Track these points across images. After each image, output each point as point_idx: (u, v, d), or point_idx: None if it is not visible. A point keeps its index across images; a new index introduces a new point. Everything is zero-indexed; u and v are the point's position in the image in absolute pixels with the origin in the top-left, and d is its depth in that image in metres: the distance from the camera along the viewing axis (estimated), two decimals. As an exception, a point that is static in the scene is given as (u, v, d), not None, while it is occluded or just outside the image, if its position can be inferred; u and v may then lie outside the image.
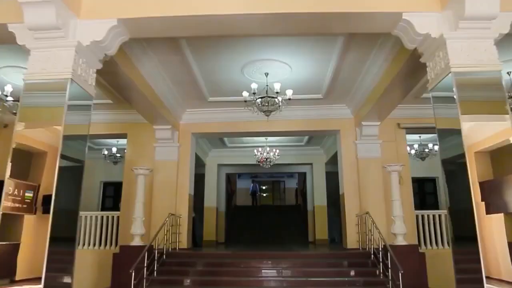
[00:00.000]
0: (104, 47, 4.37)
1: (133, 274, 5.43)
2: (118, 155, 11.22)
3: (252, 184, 21.57)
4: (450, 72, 3.86)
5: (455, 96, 3.82)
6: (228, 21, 4.27)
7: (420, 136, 10.63)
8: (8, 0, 4.15)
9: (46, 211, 4.19)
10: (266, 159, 10.72)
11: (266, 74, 6.67)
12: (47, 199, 4.27)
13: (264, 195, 23.86)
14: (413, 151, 10.51)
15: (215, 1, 4.16)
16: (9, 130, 9.01)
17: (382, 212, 7.61)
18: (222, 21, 4.28)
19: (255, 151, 10.89)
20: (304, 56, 6.28)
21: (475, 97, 3.97)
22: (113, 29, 4.27)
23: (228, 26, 4.41)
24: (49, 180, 4.26)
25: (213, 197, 13.06)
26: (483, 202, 3.86)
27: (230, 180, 17.20)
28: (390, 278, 5.63)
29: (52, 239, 3.86)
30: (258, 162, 10.92)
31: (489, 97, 3.96)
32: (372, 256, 6.69)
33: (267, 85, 6.56)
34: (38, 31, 4.03)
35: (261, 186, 23.43)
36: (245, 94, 6.47)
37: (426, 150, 10.55)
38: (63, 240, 4.14)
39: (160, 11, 4.21)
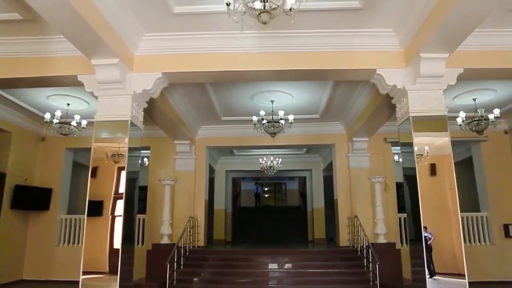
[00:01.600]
0: (151, 93, 5.79)
1: (168, 266, 6.84)
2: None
3: (255, 186, 22.93)
4: (409, 116, 5.26)
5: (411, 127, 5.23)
6: (246, 74, 5.68)
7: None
8: (77, 56, 5.48)
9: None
10: (270, 167, 12.09)
11: (272, 101, 8.05)
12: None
13: (266, 196, 25.14)
14: (401, 159, 11.85)
15: (235, 60, 5.54)
16: (46, 142, 10.41)
17: (369, 215, 8.99)
18: (241, 74, 5.70)
19: (260, 159, 12.26)
20: (303, 88, 7.66)
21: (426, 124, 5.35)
22: (158, 79, 5.68)
23: (245, 77, 5.83)
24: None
25: (221, 200, 14.44)
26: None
27: (235, 182, 18.59)
28: (370, 269, 7.05)
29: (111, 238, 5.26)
30: (263, 169, 12.29)
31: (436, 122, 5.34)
32: (359, 252, 8.10)
33: (272, 111, 7.92)
34: (105, 84, 5.42)
35: (264, 188, 24.76)
36: (254, 118, 7.82)
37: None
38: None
39: (193, 67, 5.63)
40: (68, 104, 8.31)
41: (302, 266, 7.88)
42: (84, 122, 8.07)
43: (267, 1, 3.61)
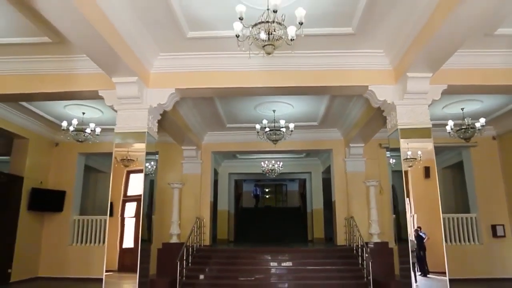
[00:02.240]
0: (165, 106, 6.40)
1: (178, 263, 7.46)
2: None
3: (254, 188, 23.42)
4: (398, 128, 5.87)
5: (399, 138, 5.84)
6: (251, 90, 6.30)
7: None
8: (98, 73, 6.06)
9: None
10: (272, 170, 12.70)
11: (274, 111, 8.66)
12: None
13: (267, 196, 25.70)
14: (392, 163, 12.47)
15: (242, 78, 6.15)
16: (59, 148, 11.00)
17: (365, 216, 9.58)
18: (246, 90, 6.32)
19: (262, 163, 12.87)
20: (303, 99, 8.24)
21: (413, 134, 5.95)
22: (172, 95, 6.29)
23: (250, 92, 6.45)
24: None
25: (225, 201, 15.05)
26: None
27: (237, 184, 19.18)
28: (365, 266, 7.67)
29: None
30: (264, 172, 12.90)
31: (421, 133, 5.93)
32: (355, 250, 8.72)
33: (274, 120, 8.53)
34: (124, 99, 6.02)
35: (265, 189, 25.34)
36: (258, 126, 8.42)
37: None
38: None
39: (203, 84, 6.25)
40: (84, 113, 8.91)
41: (302, 263, 8.49)
42: (98, 130, 8.67)
43: (271, 33, 4.21)
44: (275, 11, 3.99)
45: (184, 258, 8.02)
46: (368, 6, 4.91)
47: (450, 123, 8.28)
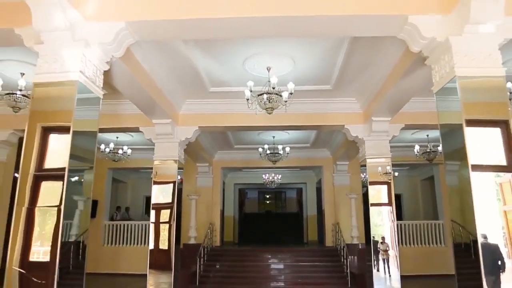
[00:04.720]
0: (190, 140, 8.38)
1: (198, 260, 9.43)
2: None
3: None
4: (365, 158, 7.86)
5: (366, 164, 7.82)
6: (256, 127, 8.28)
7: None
8: (139, 114, 8.07)
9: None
10: (271, 182, 14.65)
11: (273, 137, 10.64)
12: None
13: (268, 202, 27.48)
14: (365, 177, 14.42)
15: (249, 119, 8.10)
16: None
17: (349, 222, 11.55)
18: (253, 128, 8.29)
19: (263, 175, 14.81)
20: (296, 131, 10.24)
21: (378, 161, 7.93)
22: (195, 131, 8.28)
23: (255, 129, 8.44)
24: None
25: (230, 208, 16.94)
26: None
27: (241, 192, 21.01)
28: (345, 263, 9.65)
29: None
30: (265, 183, 14.86)
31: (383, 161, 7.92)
32: (339, 250, 10.69)
33: (274, 143, 10.51)
34: (160, 135, 8.00)
35: (265, 195, 27.19)
36: (260, 150, 10.39)
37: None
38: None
39: (219, 123, 8.23)
40: (117, 137, 10.89)
41: (296, 260, 10.49)
42: (129, 151, 10.64)
43: (271, 100, 6.19)
44: (273, 88, 5.97)
45: (202, 256, 9.99)
46: (340, 74, 6.89)
47: (417, 147, 10.23)
